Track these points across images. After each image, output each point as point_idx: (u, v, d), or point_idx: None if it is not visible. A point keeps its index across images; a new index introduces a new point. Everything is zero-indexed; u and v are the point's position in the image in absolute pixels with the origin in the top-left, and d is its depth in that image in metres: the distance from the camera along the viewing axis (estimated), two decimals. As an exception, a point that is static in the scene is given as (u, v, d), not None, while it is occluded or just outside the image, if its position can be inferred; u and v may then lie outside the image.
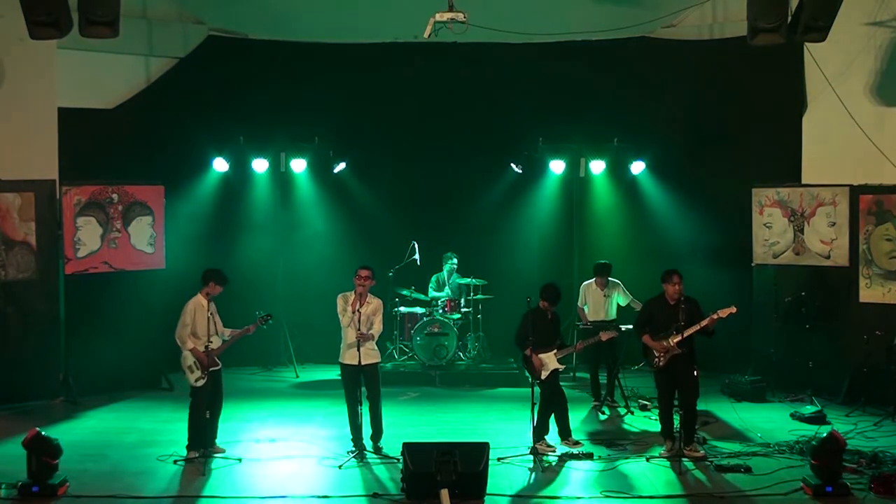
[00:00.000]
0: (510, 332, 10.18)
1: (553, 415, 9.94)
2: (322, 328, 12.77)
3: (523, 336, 9.89)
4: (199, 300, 9.57)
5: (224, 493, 8.63)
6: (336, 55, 14.20)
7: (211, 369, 9.51)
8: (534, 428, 9.72)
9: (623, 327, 11.89)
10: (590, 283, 12.15)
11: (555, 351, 9.83)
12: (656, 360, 9.71)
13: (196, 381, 9.50)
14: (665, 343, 9.61)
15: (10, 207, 11.82)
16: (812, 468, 8.57)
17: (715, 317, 9.50)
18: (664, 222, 14.08)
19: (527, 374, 10.10)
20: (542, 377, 9.83)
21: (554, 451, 9.71)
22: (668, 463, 9.42)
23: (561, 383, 13.12)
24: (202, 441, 9.48)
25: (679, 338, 9.55)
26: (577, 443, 9.90)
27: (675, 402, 9.75)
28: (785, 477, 8.92)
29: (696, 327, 9.53)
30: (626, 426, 11.09)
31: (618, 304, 12.14)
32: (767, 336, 12.53)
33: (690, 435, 9.68)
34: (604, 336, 10.36)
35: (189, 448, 9.48)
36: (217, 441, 9.71)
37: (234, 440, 9.98)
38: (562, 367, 9.95)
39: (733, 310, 9.54)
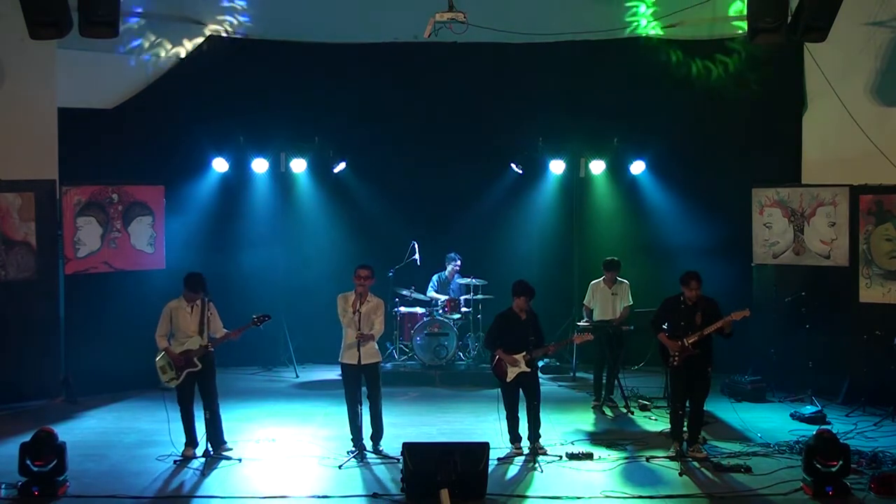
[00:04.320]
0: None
1: (527, 415, 9.78)
2: (322, 328, 12.77)
3: (491, 339, 9.89)
4: (176, 302, 9.65)
5: (224, 493, 8.63)
6: (336, 55, 14.20)
7: (188, 370, 9.52)
8: (528, 429, 9.74)
9: (624, 328, 11.94)
10: (598, 282, 12.12)
11: (524, 353, 9.72)
12: (671, 359, 9.71)
13: (168, 381, 9.57)
14: (680, 343, 9.61)
15: (10, 207, 11.82)
16: (810, 470, 8.57)
17: (729, 319, 9.51)
18: (664, 222, 14.09)
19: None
20: (508, 379, 9.76)
21: (545, 453, 9.67)
22: (668, 463, 9.42)
23: (560, 384, 13.32)
24: (194, 437, 9.55)
25: (694, 338, 9.55)
26: (542, 449, 9.74)
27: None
28: (785, 477, 8.93)
29: (711, 328, 9.52)
30: (626, 426, 11.09)
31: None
32: (767, 336, 12.53)
33: (695, 436, 9.70)
34: (577, 339, 10.34)
35: (185, 444, 9.58)
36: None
37: (234, 440, 9.97)
38: (528, 370, 9.73)
39: (746, 313, 9.55)
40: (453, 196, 14.42)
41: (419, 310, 13.59)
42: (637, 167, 13.91)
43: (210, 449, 9.52)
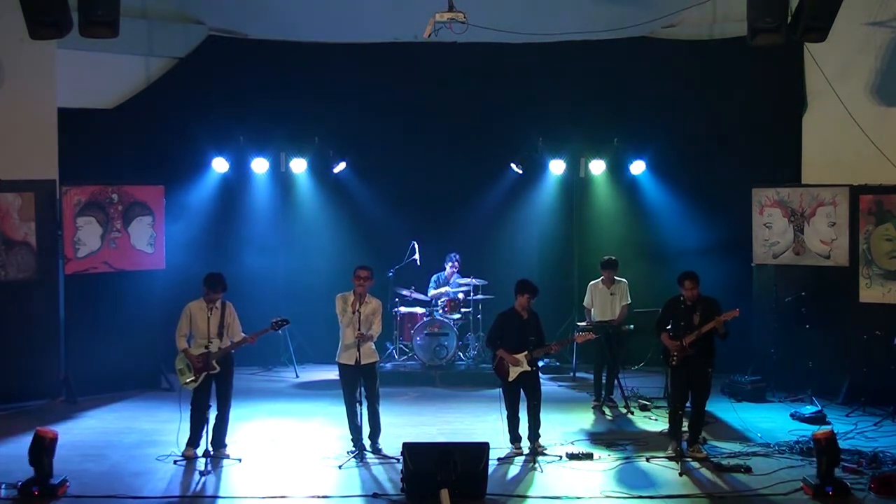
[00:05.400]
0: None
1: (527, 415, 9.77)
2: (322, 328, 12.78)
3: (493, 339, 9.89)
4: (197, 303, 9.62)
5: (224, 493, 8.64)
6: (336, 55, 14.19)
7: (206, 372, 9.51)
8: (528, 429, 9.74)
9: (624, 328, 11.94)
10: (596, 283, 12.12)
11: (525, 353, 9.72)
12: (671, 359, 9.72)
13: (186, 383, 9.55)
14: (679, 343, 9.61)
15: (10, 207, 11.82)
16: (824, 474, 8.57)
17: (720, 319, 9.50)
18: (664, 222, 14.08)
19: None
20: (510, 378, 9.76)
21: (545, 453, 9.66)
22: (668, 463, 9.42)
23: (560, 384, 13.32)
24: (198, 440, 9.53)
25: (692, 337, 9.55)
26: (542, 448, 9.73)
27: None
28: (785, 477, 8.93)
29: (700, 331, 9.52)
30: (626, 426, 11.09)
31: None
32: (767, 336, 12.53)
33: (696, 436, 9.70)
34: (578, 338, 10.36)
35: (187, 444, 9.55)
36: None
37: (235, 440, 9.97)
38: (530, 369, 9.73)
39: (736, 313, 9.55)
40: (453, 196, 14.41)
41: (419, 310, 13.58)
42: (637, 167, 13.89)
43: (210, 449, 9.51)
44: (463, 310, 13.54)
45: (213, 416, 9.56)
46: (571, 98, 14.06)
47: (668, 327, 9.79)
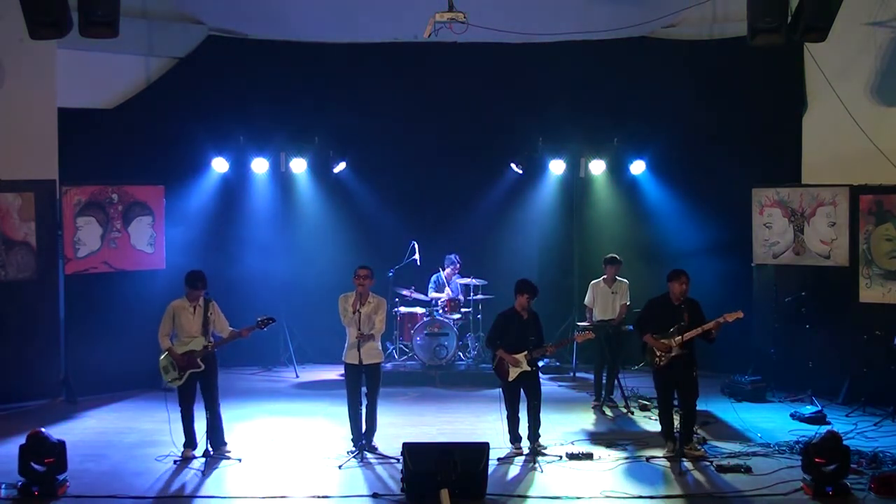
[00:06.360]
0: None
1: (527, 415, 9.77)
2: (322, 328, 12.81)
3: (493, 339, 9.89)
4: (180, 301, 9.65)
5: (224, 493, 8.64)
6: (336, 55, 14.20)
7: (191, 371, 9.52)
8: (528, 429, 9.73)
9: (624, 328, 11.94)
10: (598, 282, 12.13)
11: (525, 353, 9.73)
12: (657, 359, 9.70)
13: (171, 381, 9.59)
14: (667, 343, 9.60)
15: (10, 207, 11.82)
16: (809, 469, 8.56)
17: (721, 320, 9.46)
18: (664, 222, 14.08)
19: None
20: (510, 378, 9.76)
21: (545, 453, 9.66)
22: (668, 463, 9.42)
23: (560, 384, 13.33)
24: (193, 440, 9.55)
25: (692, 335, 9.52)
26: (542, 448, 9.73)
27: (675, 403, 9.74)
28: (785, 477, 8.93)
29: (699, 330, 9.50)
30: (626, 426, 11.09)
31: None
32: (767, 336, 12.53)
33: (689, 434, 9.67)
34: (578, 338, 10.36)
35: (184, 446, 9.57)
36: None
37: (234, 440, 9.97)
38: (530, 369, 9.73)
39: (740, 315, 9.49)
40: (453, 196, 14.42)
41: (419, 310, 13.59)
42: (637, 167, 13.91)
43: (210, 449, 9.52)
44: (463, 310, 13.54)
45: (205, 416, 9.55)
46: (571, 98, 14.06)
47: (650, 327, 9.76)
